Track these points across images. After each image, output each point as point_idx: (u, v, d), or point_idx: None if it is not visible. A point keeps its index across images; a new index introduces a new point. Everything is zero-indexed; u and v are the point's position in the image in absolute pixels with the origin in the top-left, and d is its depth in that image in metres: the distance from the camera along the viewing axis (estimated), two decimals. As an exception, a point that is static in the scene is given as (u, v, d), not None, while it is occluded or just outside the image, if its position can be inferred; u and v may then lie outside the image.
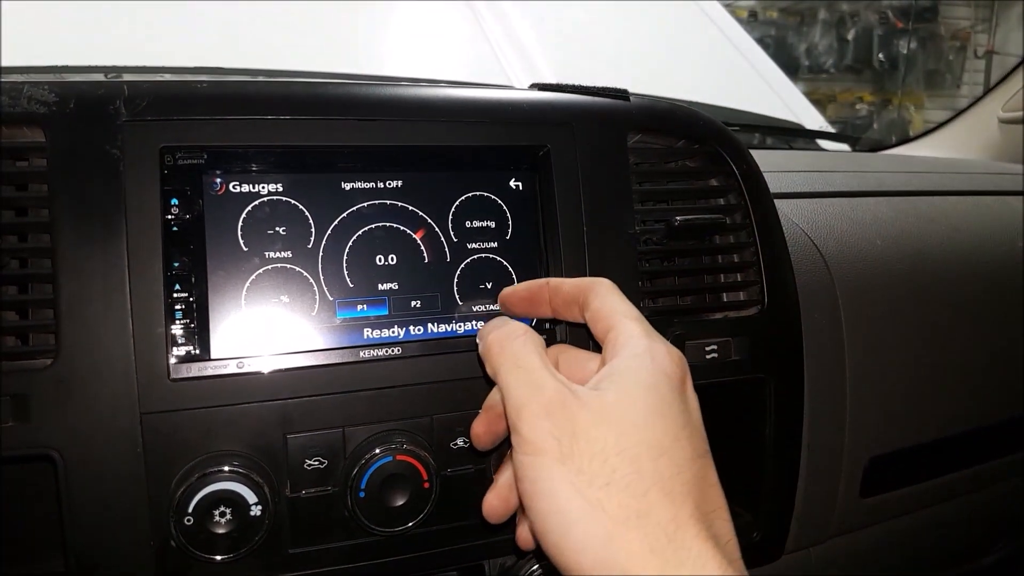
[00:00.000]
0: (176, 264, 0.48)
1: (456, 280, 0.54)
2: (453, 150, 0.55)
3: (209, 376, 0.48)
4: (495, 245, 0.55)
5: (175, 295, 0.48)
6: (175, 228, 0.48)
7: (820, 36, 4.42)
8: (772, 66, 1.78)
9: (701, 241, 0.62)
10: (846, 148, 1.54)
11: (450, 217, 0.55)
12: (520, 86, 0.67)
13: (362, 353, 0.51)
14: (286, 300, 0.50)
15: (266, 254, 0.50)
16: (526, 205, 0.57)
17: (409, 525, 0.51)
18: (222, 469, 0.46)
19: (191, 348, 0.48)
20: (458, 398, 0.53)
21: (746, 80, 1.68)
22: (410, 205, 0.54)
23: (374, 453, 0.49)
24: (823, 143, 1.48)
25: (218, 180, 0.50)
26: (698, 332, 0.59)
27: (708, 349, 0.59)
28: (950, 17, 4.38)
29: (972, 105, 1.46)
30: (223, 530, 0.46)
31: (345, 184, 0.52)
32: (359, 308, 0.52)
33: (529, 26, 1.57)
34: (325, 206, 0.52)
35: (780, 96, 1.64)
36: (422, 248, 0.54)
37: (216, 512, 0.46)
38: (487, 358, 0.44)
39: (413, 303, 0.53)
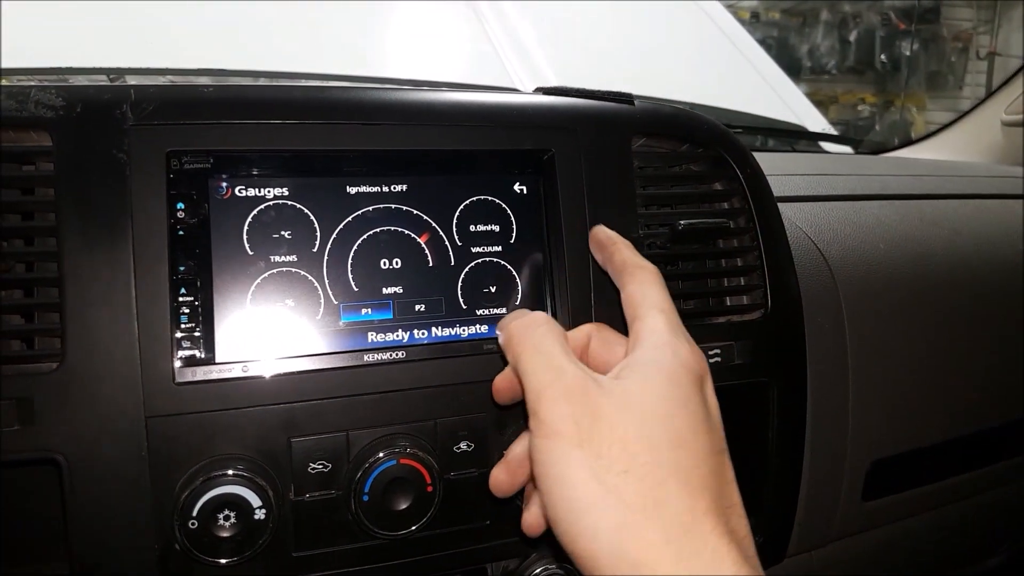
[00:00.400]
0: (182, 268, 0.48)
1: (460, 284, 0.54)
2: (457, 154, 0.55)
3: (214, 380, 0.48)
4: (499, 249, 0.55)
5: (180, 299, 0.48)
6: (181, 232, 0.48)
7: (822, 37, 4.42)
8: (774, 67, 1.78)
9: (705, 245, 0.62)
10: (848, 150, 1.54)
11: (454, 221, 0.55)
12: (522, 86, 0.67)
13: (366, 357, 0.51)
14: (291, 304, 0.50)
15: (271, 258, 0.50)
16: (530, 209, 0.56)
17: (412, 529, 0.51)
18: (226, 473, 0.46)
19: (196, 352, 0.48)
20: (462, 402, 0.53)
21: (748, 81, 1.68)
22: (414, 209, 0.54)
23: (378, 457, 0.49)
24: (826, 145, 1.48)
25: (224, 184, 0.50)
26: (701, 336, 0.59)
27: (711, 353, 0.59)
28: (952, 18, 4.37)
29: (975, 108, 1.46)
30: (227, 533, 0.46)
31: (350, 188, 0.52)
32: (363, 312, 0.52)
33: (531, 26, 1.57)
34: (330, 210, 0.52)
35: (782, 97, 1.64)
36: (426, 252, 0.54)
37: (220, 515, 0.46)
38: (508, 347, 0.43)
39: (417, 307, 0.53)
